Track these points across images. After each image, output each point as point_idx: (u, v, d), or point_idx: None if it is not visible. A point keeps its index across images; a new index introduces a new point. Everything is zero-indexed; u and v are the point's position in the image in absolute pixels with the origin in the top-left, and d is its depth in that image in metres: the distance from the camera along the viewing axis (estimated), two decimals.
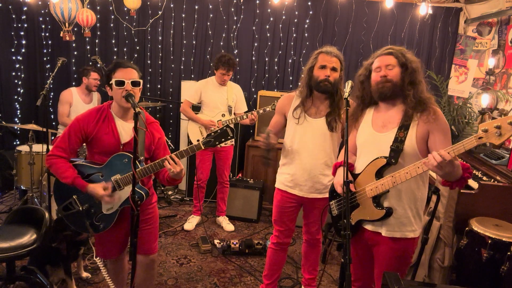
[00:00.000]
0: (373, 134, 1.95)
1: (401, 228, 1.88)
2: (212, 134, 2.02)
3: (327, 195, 2.42)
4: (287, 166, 2.54)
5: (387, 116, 1.93)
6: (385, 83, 1.85)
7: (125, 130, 2.13)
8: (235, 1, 4.71)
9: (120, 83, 2.03)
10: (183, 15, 4.82)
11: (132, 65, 2.12)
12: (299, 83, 2.51)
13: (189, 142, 3.91)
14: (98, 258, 2.24)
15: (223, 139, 2.01)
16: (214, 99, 3.81)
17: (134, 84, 2.06)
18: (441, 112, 1.84)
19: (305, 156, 2.45)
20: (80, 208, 2.11)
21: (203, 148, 2.02)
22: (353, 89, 1.98)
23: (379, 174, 1.86)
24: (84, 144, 2.18)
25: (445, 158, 1.55)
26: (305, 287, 2.89)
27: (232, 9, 4.74)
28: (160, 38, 4.90)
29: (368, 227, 1.95)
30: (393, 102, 1.91)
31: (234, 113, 3.90)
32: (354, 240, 2.04)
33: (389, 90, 1.86)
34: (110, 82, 2.06)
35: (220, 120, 3.79)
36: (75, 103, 4.06)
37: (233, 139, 2.06)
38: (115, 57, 4.95)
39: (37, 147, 3.82)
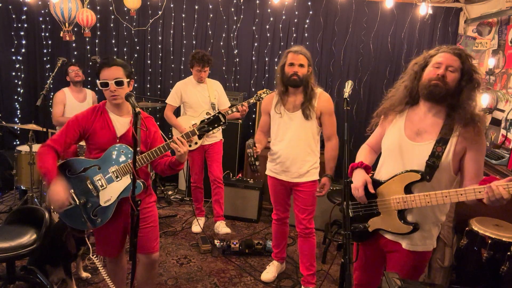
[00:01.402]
0: (405, 141, 1.80)
1: (423, 242, 1.82)
2: (206, 120, 2.08)
3: (310, 179, 2.78)
4: (273, 156, 2.87)
5: (423, 122, 1.78)
6: (439, 83, 1.67)
7: (120, 124, 2.16)
8: (235, 1, 4.71)
9: (105, 85, 2.07)
10: (183, 15, 4.82)
11: (117, 62, 2.11)
12: (275, 82, 2.76)
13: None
14: (95, 256, 2.24)
15: (216, 125, 2.08)
16: (196, 99, 3.73)
17: (118, 83, 2.08)
18: (483, 132, 1.72)
19: (287, 146, 2.76)
20: (77, 202, 2.10)
21: (197, 133, 2.08)
22: (403, 77, 1.86)
23: (408, 188, 1.76)
24: (84, 144, 2.20)
25: (503, 196, 1.48)
26: (305, 285, 2.92)
27: (232, 9, 4.74)
28: (160, 38, 4.90)
29: (388, 236, 1.88)
30: (437, 108, 1.75)
31: (219, 110, 3.77)
32: (366, 244, 1.98)
33: (440, 93, 1.68)
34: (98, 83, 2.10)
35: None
36: (69, 102, 4.07)
37: (225, 125, 2.15)
38: (113, 57, 4.93)
39: (37, 147, 3.80)
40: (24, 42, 4.89)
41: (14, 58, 4.87)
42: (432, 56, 1.75)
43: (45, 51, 4.98)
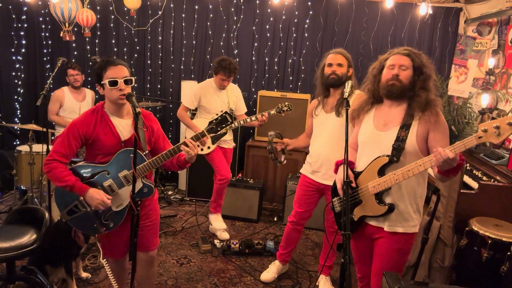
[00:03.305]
0: (375, 133, 1.99)
1: (402, 223, 1.94)
2: (214, 121, 2.08)
3: None
4: (309, 156, 2.90)
5: (388, 115, 1.98)
6: (395, 82, 1.90)
7: (123, 126, 2.11)
8: (235, 1, 4.71)
9: (114, 83, 2.00)
10: (183, 15, 4.82)
11: (121, 61, 2.08)
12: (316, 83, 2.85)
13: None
14: (105, 260, 2.22)
15: (223, 125, 2.08)
16: (215, 104, 3.61)
17: (127, 82, 2.04)
18: (441, 114, 1.91)
19: (320, 146, 2.78)
20: (88, 209, 2.07)
21: (207, 135, 2.08)
22: (366, 82, 2.08)
23: (381, 172, 1.91)
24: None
25: (449, 156, 1.63)
26: (321, 273, 3.06)
27: (232, 9, 4.74)
28: (160, 38, 4.90)
29: (371, 222, 2.00)
30: (398, 102, 1.96)
31: (234, 115, 3.74)
32: (356, 235, 2.08)
33: (397, 90, 1.90)
34: (102, 82, 2.02)
35: None
36: (67, 101, 4.07)
37: (232, 125, 2.20)
38: (115, 57, 4.94)
39: (37, 147, 3.82)
40: (24, 42, 4.89)
41: (14, 58, 4.87)
42: (386, 59, 1.97)
43: (45, 51, 4.98)
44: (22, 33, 4.86)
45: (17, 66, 4.91)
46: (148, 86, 5.04)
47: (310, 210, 2.93)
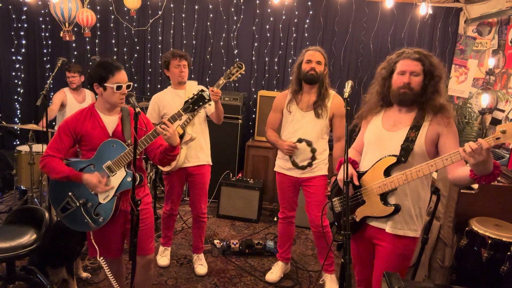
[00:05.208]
0: (383, 133, 1.97)
1: (404, 226, 1.91)
2: (189, 100, 2.06)
3: (319, 173, 2.83)
4: (282, 153, 2.89)
5: (398, 116, 1.95)
6: (406, 91, 1.85)
7: (110, 121, 2.18)
8: (235, 1, 4.71)
9: (119, 88, 2.09)
10: (183, 15, 4.82)
11: (121, 65, 2.17)
12: (290, 79, 2.86)
13: None
14: (101, 258, 2.23)
15: (201, 103, 2.05)
16: (175, 108, 2.83)
17: (128, 86, 2.15)
18: (452, 118, 1.87)
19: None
20: (77, 204, 2.12)
21: (183, 114, 2.05)
22: (373, 83, 2.04)
23: (388, 172, 1.88)
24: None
25: (482, 145, 1.52)
26: (324, 272, 3.02)
27: (232, 9, 4.74)
28: (160, 38, 4.91)
29: (373, 223, 1.98)
30: (408, 107, 1.92)
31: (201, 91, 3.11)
32: (356, 237, 2.05)
33: (409, 99, 1.87)
34: (107, 85, 2.07)
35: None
36: (69, 102, 4.06)
37: (211, 102, 2.06)
38: (115, 57, 4.95)
39: (37, 147, 3.82)
40: (24, 42, 4.89)
41: (14, 58, 4.87)
42: (396, 62, 1.91)
43: (45, 51, 4.98)
44: (22, 33, 4.86)
45: (17, 66, 4.91)
46: (148, 86, 5.04)
47: (295, 201, 3.01)
